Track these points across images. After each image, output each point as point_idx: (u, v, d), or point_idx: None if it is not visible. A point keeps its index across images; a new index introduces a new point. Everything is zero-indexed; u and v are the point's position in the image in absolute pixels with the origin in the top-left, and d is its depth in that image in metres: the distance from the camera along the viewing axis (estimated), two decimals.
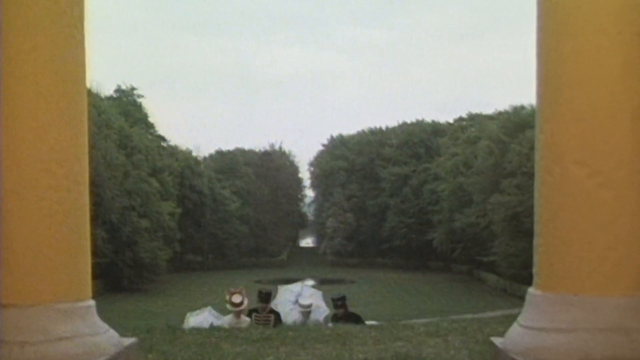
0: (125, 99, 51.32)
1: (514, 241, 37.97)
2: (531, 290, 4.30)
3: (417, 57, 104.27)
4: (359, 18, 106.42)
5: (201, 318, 10.25)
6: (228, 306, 10.07)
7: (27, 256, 3.98)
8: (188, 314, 10.50)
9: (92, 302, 4.35)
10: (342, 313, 10.68)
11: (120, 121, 42.82)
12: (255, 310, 10.27)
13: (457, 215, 50.76)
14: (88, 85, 5.01)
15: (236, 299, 10.07)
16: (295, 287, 12.36)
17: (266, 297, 10.54)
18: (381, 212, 67.36)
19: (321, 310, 11.28)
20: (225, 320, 9.94)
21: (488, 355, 4.96)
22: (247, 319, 9.91)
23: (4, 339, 3.88)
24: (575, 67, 4.05)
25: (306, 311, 10.83)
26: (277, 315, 10.33)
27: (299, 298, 11.46)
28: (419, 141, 66.81)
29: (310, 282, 26.31)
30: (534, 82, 4.30)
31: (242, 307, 9.99)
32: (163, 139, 55.21)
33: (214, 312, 10.51)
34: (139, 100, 52.79)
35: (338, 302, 11.24)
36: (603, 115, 3.99)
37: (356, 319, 10.89)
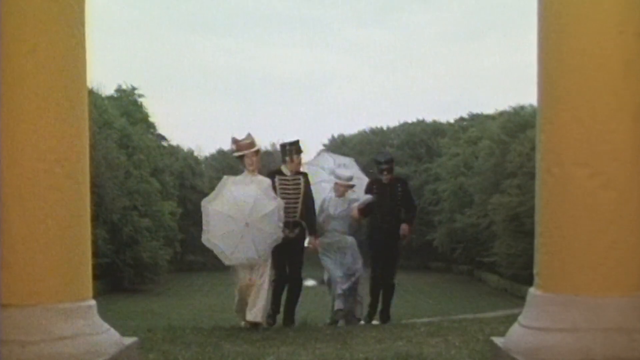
0: (126, 99, 51.29)
1: (514, 241, 37.95)
2: (532, 290, 4.30)
3: (417, 57, 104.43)
4: (359, 18, 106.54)
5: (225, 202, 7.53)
6: (238, 155, 8.01)
7: (27, 256, 3.99)
8: (204, 202, 7.73)
9: (93, 302, 4.35)
10: (387, 178, 8.82)
11: (121, 121, 42.78)
12: (279, 171, 8.28)
13: (458, 216, 50.73)
14: (89, 84, 5.01)
15: (249, 139, 7.99)
16: (335, 157, 9.74)
17: (293, 149, 8.25)
18: None
19: (360, 200, 8.73)
20: (238, 181, 7.80)
21: (489, 354, 4.96)
22: (266, 178, 7.97)
23: (4, 339, 3.88)
24: (576, 67, 4.04)
25: (344, 185, 8.55)
26: (306, 176, 8.34)
27: (337, 169, 8.95)
28: (419, 141, 66.79)
29: (311, 282, 25.78)
30: (535, 83, 4.30)
31: (255, 148, 7.93)
32: (164, 138, 55.22)
33: (231, 177, 8.00)
34: (140, 100, 52.77)
35: (383, 165, 8.88)
36: (604, 116, 3.98)
37: (405, 187, 9.03)
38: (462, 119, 64.84)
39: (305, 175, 8.31)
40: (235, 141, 8.06)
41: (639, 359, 3.86)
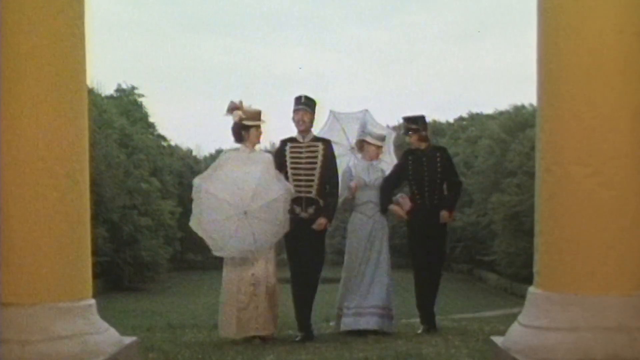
0: (125, 98, 51.23)
1: (514, 240, 37.94)
2: (532, 289, 4.30)
3: (417, 57, 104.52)
4: (359, 18, 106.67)
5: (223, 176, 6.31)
6: (234, 119, 6.56)
7: (27, 255, 3.99)
8: (197, 179, 6.44)
9: (92, 301, 4.35)
10: (425, 145, 7.18)
11: (121, 120, 42.75)
12: (292, 138, 6.79)
13: (458, 215, 50.60)
14: (89, 84, 5.01)
15: (254, 107, 6.68)
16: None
17: (308, 104, 6.81)
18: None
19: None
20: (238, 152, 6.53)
21: (488, 354, 4.96)
22: (266, 154, 6.77)
23: (4, 338, 3.88)
24: (575, 66, 4.05)
25: (376, 146, 7.06)
26: (327, 144, 6.77)
27: (368, 126, 7.26)
28: None
29: None
30: (535, 82, 4.31)
31: (261, 120, 6.61)
32: (163, 138, 55.15)
33: (232, 153, 6.62)
34: (140, 99, 52.71)
35: (412, 125, 7.18)
36: (603, 115, 3.99)
37: (445, 156, 7.19)
38: (461, 118, 64.73)
39: (326, 142, 6.77)
40: (237, 107, 6.57)
41: (639, 359, 3.87)
